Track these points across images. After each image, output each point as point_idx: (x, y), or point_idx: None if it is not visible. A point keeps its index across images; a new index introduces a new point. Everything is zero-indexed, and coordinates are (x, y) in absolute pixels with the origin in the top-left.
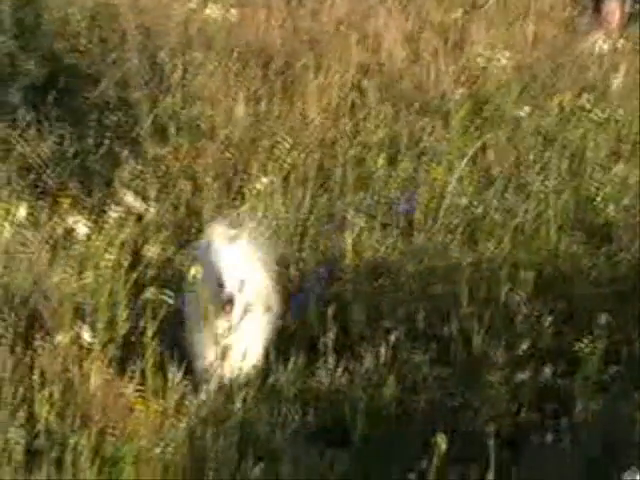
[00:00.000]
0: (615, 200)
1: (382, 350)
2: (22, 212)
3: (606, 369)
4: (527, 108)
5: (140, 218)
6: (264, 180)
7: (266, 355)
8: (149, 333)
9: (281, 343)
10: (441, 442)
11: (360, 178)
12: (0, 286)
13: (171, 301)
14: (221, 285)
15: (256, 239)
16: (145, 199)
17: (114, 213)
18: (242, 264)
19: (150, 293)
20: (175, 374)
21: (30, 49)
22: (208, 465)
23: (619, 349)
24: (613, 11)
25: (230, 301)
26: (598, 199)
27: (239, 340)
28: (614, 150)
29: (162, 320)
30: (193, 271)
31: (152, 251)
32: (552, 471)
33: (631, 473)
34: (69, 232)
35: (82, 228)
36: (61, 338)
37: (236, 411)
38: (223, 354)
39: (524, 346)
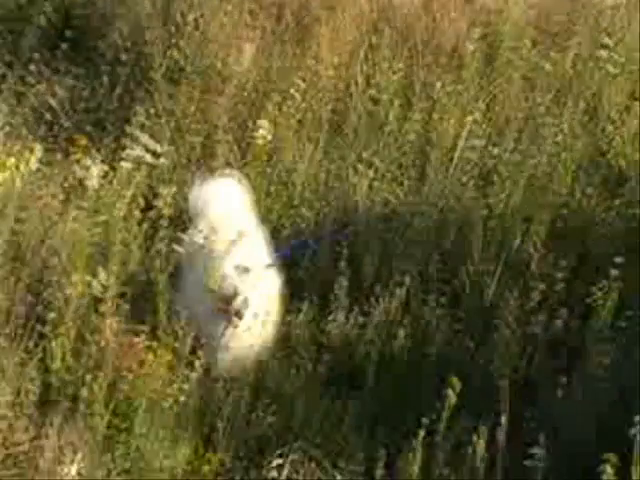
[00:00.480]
0: (628, 153)
1: (395, 298)
2: (37, 155)
3: (618, 318)
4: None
5: (154, 159)
6: (272, 128)
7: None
8: (161, 283)
9: (294, 290)
10: (455, 384)
11: (373, 126)
12: (16, 233)
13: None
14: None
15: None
16: (159, 142)
17: (128, 155)
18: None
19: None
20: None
21: None
22: (221, 412)
23: (631, 298)
24: None
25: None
26: (611, 151)
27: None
28: (627, 105)
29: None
30: None
31: (166, 193)
32: (564, 420)
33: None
34: (83, 176)
35: (96, 170)
36: (73, 288)
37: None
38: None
39: (537, 293)
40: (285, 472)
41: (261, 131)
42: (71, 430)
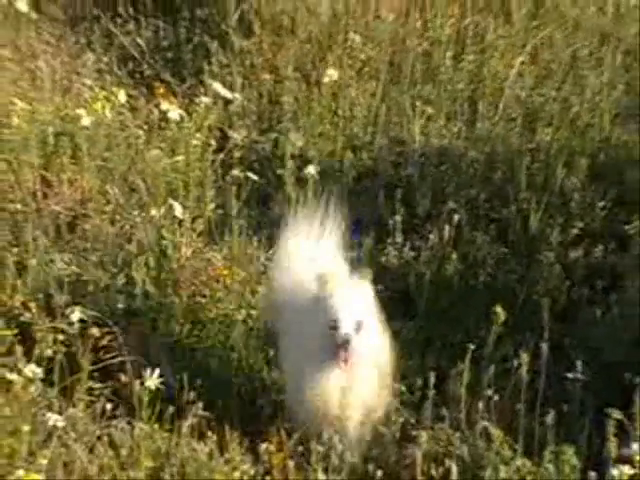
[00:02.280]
0: None
1: (446, 230)
2: (122, 97)
3: None
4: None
5: (226, 105)
6: (338, 72)
7: None
8: (234, 209)
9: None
10: (500, 312)
11: (428, 71)
12: (105, 159)
13: (255, 177)
14: (334, 327)
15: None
16: (231, 88)
17: (203, 100)
18: (358, 306)
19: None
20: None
21: None
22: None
23: None
24: None
25: (346, 344)
26: None
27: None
28: None
29: (246, 197)
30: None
31: (237, 135)
32: (601, 343)
33: None
34: (163, 116)
35: (174, 113)
36: (155, 212)
37: None
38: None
39: (578, 227)
40: None
41: (329, 71)
42: (152, 340)
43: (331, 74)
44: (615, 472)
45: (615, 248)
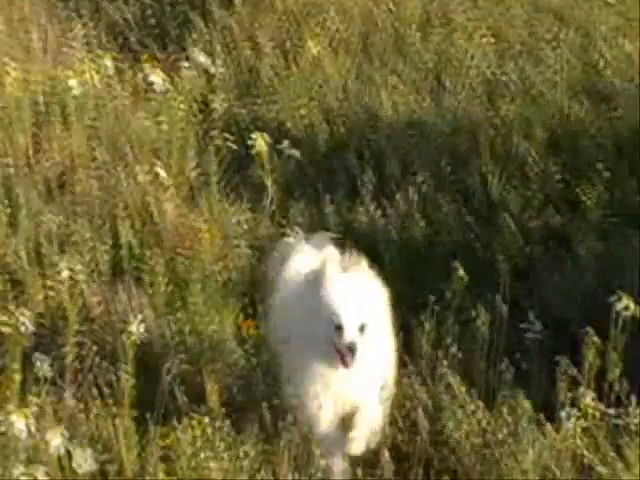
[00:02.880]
0: (619, 72)
1: (412, 195)
2: (110, 66)
3: (605, 214)
4: None
5: (208, 77)
6: (315, 47)
7: None
8: (214, 174)
9: (325, 188)
10: (459, 267)
11: (398, 48)
12: (94, 127)
13: (234, 145)
14: (339, 328)
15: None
16: (213, 61)
17: (186, 72)
18: (362, 302)
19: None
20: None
21: None
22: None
23: (617, 198)
24: None
25: (351, 350)
26: (605, 70)
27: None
28: (620, 26)
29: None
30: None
31: (218, 105)
32: (555, 299)
33: (617, 298)
34: (148, 85)
35: (159, 83)
36: (141, 175)
37: None
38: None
39: (535, 193)
40: None
41: (306, 45)
42: (137, 296)
43: (309, 48)
44: (563, 414)
45: (568, 213)
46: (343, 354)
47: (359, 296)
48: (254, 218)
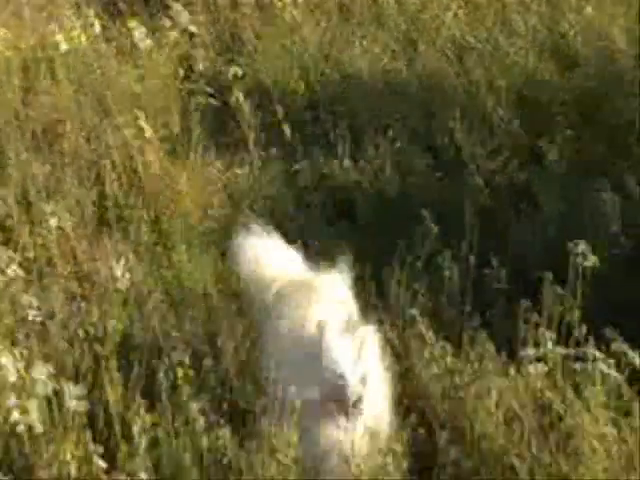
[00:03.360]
0: (582, 37)
1: (385, 149)
2: (96, 25)
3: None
4: None
5: (192, 38)
6: (295, 11)
7: None
8: (197, 131)
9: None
10: (427, 215)
11: (374, 13)
12: (82, 85)
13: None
14: (342, 378)
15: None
16: (196, 23)
17: (171, 33)
18: (362, 358)
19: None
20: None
21: None
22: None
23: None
24: None
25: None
26: (569, 36)
27: None
28: None
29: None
30: None
31: (201, 62)
32: (519, 248)
33: (576, 246)
34: (134, 46)
35: (143, 40)
36: (126, 132)
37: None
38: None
39: (502, 150)
40: None
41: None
42: (123, 244)
43: (288, 11)
44: (525, 356)
45: (532, 166)
46: (346, 406)
47: (358, 353)
48: (233, 171)
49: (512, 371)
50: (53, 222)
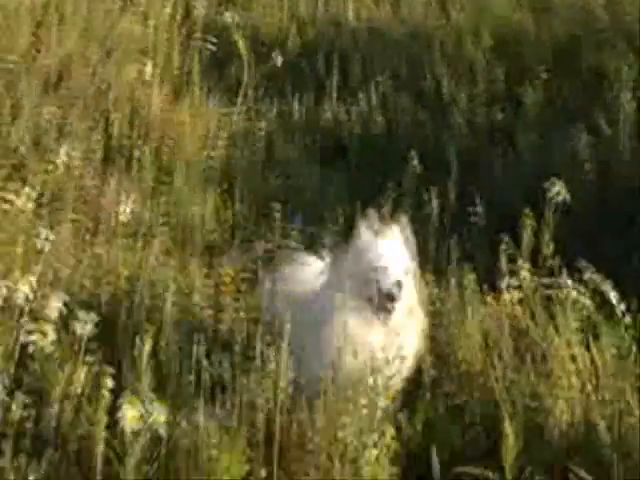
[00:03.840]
0: None
1: (373, 94)
2: None
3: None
4: None
5: None
6: None
7: None
8: (196, 72)
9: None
10: (414, 155)
11: None
12: (85, 29)
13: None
14: (383, 270)
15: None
16: None
17: None
18: (399, 258)
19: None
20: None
21: None
22: (240, 175)
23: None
24: None
25: (392, 296)
26: None
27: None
28: None
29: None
30: None
31: (200, 9)
32: (498, 186)
33: (551, 183)
34: None
35: None
36: (130, 73)
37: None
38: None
39: (482, 92)
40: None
41: None
42: (127, 180)
43: None
44: (503, 284)
45: (511, 110)
46: (386, 298)
47: (397, 251)
48: (230, 112)
49: (490, 299)
50: (62, 159)
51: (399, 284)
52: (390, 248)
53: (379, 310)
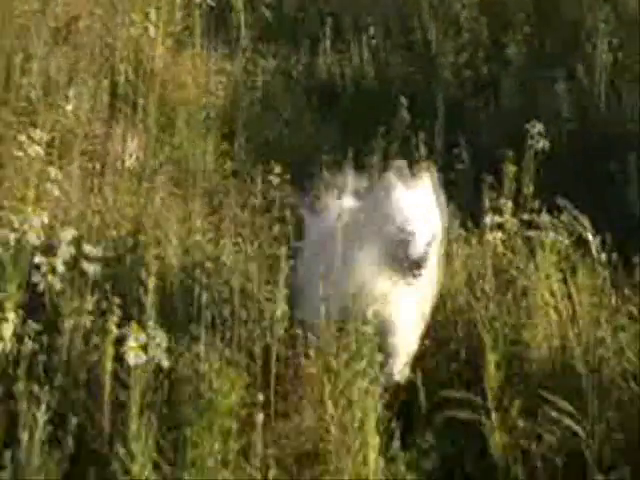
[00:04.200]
0: None
1: (365, 46)
2: None
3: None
4: None
5: None
6: None
7: None
8: (198, 29)
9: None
10: (403, 101)
11: None
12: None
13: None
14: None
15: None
16: None
17: None
18: (429, 220)
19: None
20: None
21: None
22: (239, 121)
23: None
24: None
25: (420, 264)
26: None
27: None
28: None
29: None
30: None
31: None
32: (483, 131)
33: (532, 126)
34: None
35: None
36: (134, 30)
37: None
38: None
39: (467, 45)
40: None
41: None
42: (132, 127)
43: None
44: (487, 221)
45: (495, 62)
46: (414, 264)
47: (426, 210)
48: (230, 65)
49: (475, 238)
50: (70, 107)
51: (427, 251)
52: (421, 208)
53: (404, 273)
